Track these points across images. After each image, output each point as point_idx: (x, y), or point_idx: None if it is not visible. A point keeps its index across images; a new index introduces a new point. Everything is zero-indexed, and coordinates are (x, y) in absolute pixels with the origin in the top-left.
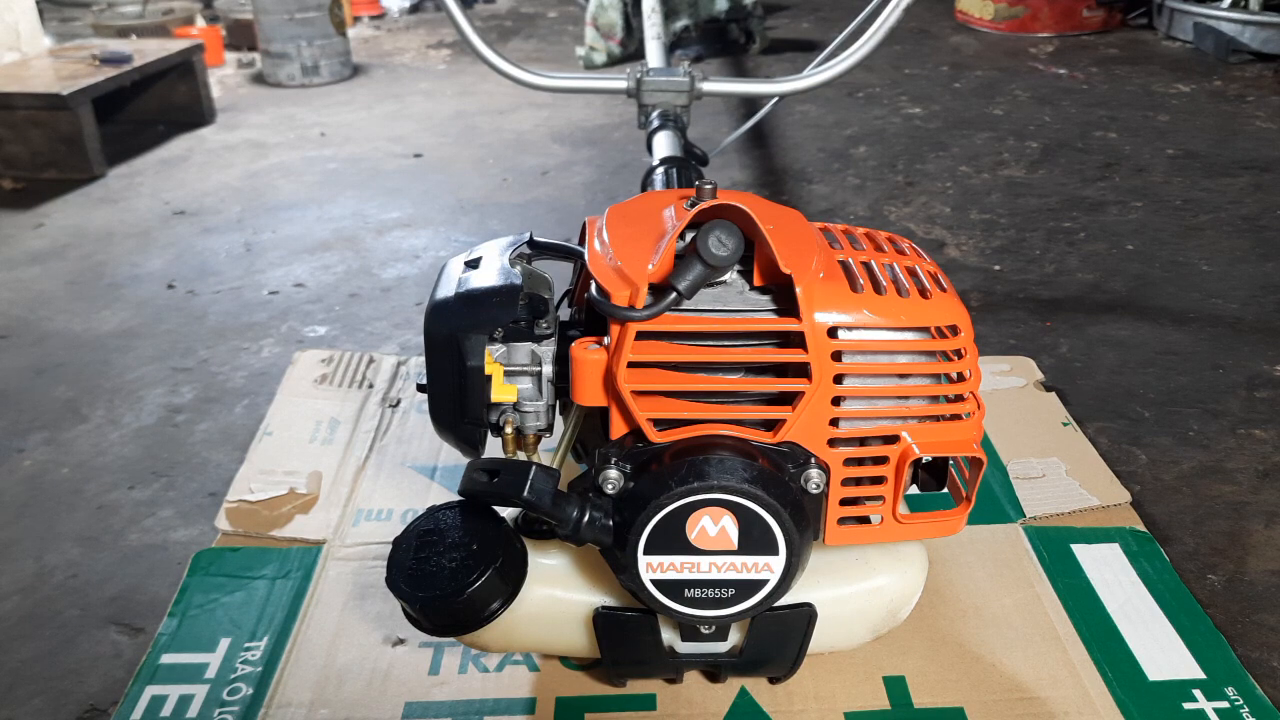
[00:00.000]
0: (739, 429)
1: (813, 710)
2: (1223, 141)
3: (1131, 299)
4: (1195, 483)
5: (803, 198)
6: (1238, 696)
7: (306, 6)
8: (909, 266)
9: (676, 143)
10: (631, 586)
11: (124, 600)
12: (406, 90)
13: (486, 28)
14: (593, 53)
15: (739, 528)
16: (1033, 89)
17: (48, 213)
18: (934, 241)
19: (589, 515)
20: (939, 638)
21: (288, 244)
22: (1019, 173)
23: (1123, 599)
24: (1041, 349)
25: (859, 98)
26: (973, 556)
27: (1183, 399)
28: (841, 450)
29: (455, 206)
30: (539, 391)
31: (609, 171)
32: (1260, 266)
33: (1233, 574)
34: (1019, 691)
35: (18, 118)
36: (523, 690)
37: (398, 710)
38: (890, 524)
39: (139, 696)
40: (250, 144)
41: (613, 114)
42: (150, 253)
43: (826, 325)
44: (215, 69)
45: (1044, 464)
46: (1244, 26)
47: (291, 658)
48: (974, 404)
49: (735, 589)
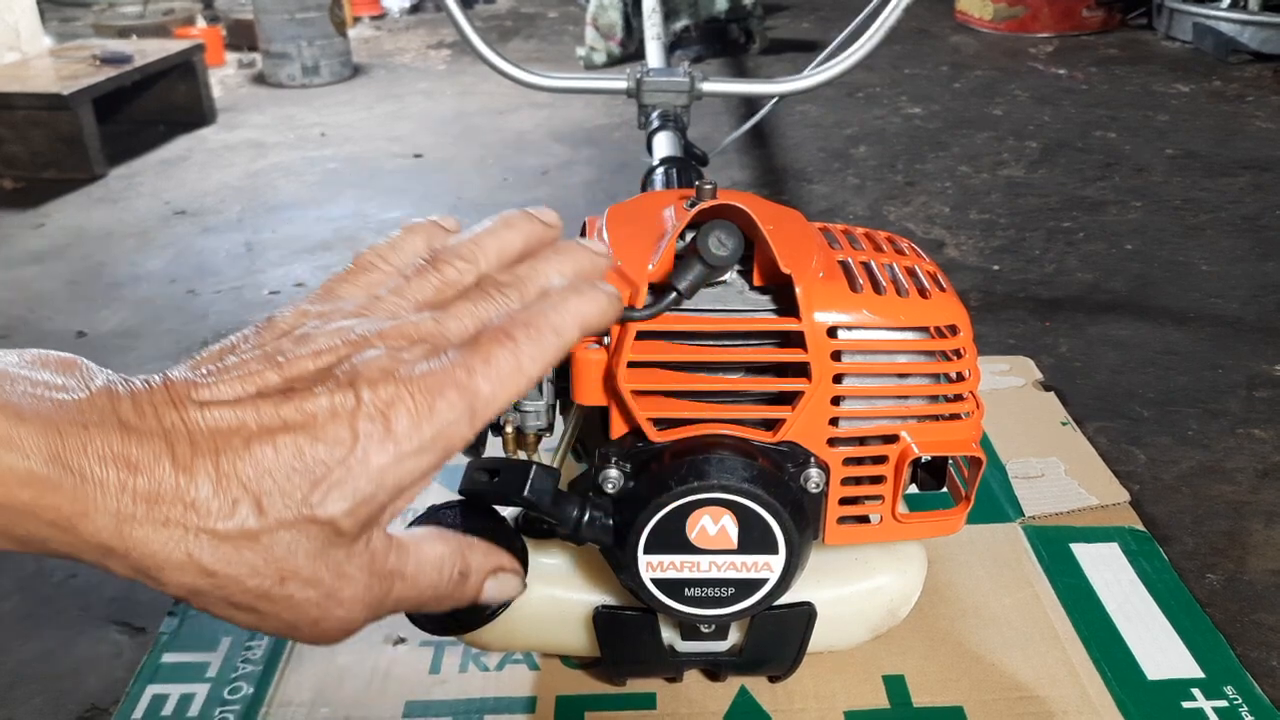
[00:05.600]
0: (739, 428)
1: (812, 709)
2: (1222, 141)
3: (1131, 299)
4: (1195, 482)
5: (803, 198)
6: (1237, 695)
7: (307, 6)
8: (908, 266)
9: (676, 143)
10: (631, 586)
11: (125, 599)
12: (407, 90)
13: (486, 28)
14: (593, 53)
15: (739, 527)
16: (1032, 89)
17: (48, 212)
18: (933, 241)
19: (589, 515)
20: (938, 637)
21: (288, 244)
22: (1019, 172)
23: (1122, 598)
24: (1041, 349)
25: (859, 97)
26: (972, 556)
27: (1182, 399)
28: (841, 450)
29: (455, 206)
30: (539, 391)
31: (609, 171)
32: (1260, 266)
33: (1232, 573)
34: (1018, 690)
35: (18, 118)
36: (523, 689)
37: (398, 709)
38: (890, 523)
39: (140, 695)
40: (250, 144)
41: (613, 114)
42: (150, 252)
43: (826, 325)
44: (216, 69)
45: (1043, 463)
46: (1243, 26)
47: (292, 657)
48: (973, 403)
49: (735, 588)
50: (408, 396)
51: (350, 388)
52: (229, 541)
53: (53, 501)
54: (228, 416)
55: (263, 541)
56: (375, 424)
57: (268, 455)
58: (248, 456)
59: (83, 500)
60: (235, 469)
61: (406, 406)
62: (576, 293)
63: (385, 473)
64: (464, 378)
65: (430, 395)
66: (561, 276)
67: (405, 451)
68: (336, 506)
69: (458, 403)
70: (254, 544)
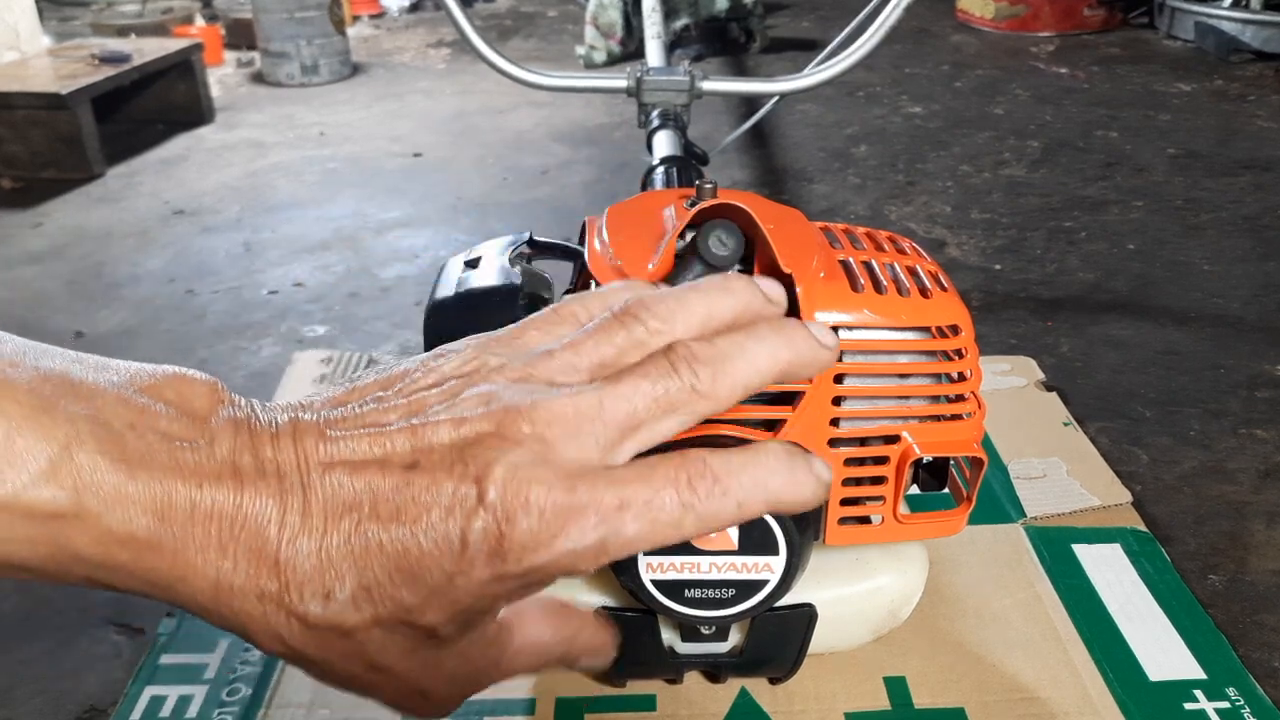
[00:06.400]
0: (740, 429)
1: (813, 710)
2: (1224, 141)
3: (1132, 299)
4: (1196, 483)
5: (803, 197)
6: (1239, 697)
7: (306, 5)
8: (910, 266)
9: (676, 142)
10: (631, 586)
11: (123, 600)
12: (406, 89)
13: (486, 27)
14: (593, 52)
15: (739, 528)
16: (1033, 88)
17: (47, 212)
18: (934, 241)
19: None
20: (939, 638)
21: (287, 243)
22: (1020, 172)
23: (1124, 599)
24: (1042, 349)
25: (859, 97)
26: (973, 556)
27: (1184, 399)
28: (842, 450)
29: (455, 206)
30: None
31: (609, 171)
32: (1261, 266)
33: (1234, 574)
34: (1020, 692)
35: (17, 117)
36: (522, 690)
37: (397, 711)
38: (891, 524)
39: (138, 696)
40: (250, 143)
41: (613, 113)
42: (149, 252)
43: (827, 325)
44: (214, 68)
45: (1045, 464)
46: (1245, 26)
47: None
48: (975, 404)
49: (736, 589)
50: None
51: (476, 482)
52: (317, 631)
53: (152, 564)
54: (348, 487)
55: (355, 637)
56: (490, 533)
57: (376, 543)
58: (356, 541)
59: (181, 566)
60: (341, 552)
61: (530, 523)
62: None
63: (488, 587)
64: (611, 506)
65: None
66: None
67: (512, 574)
68: (435, 617)
69: (590, 533)
70: (344, 638)
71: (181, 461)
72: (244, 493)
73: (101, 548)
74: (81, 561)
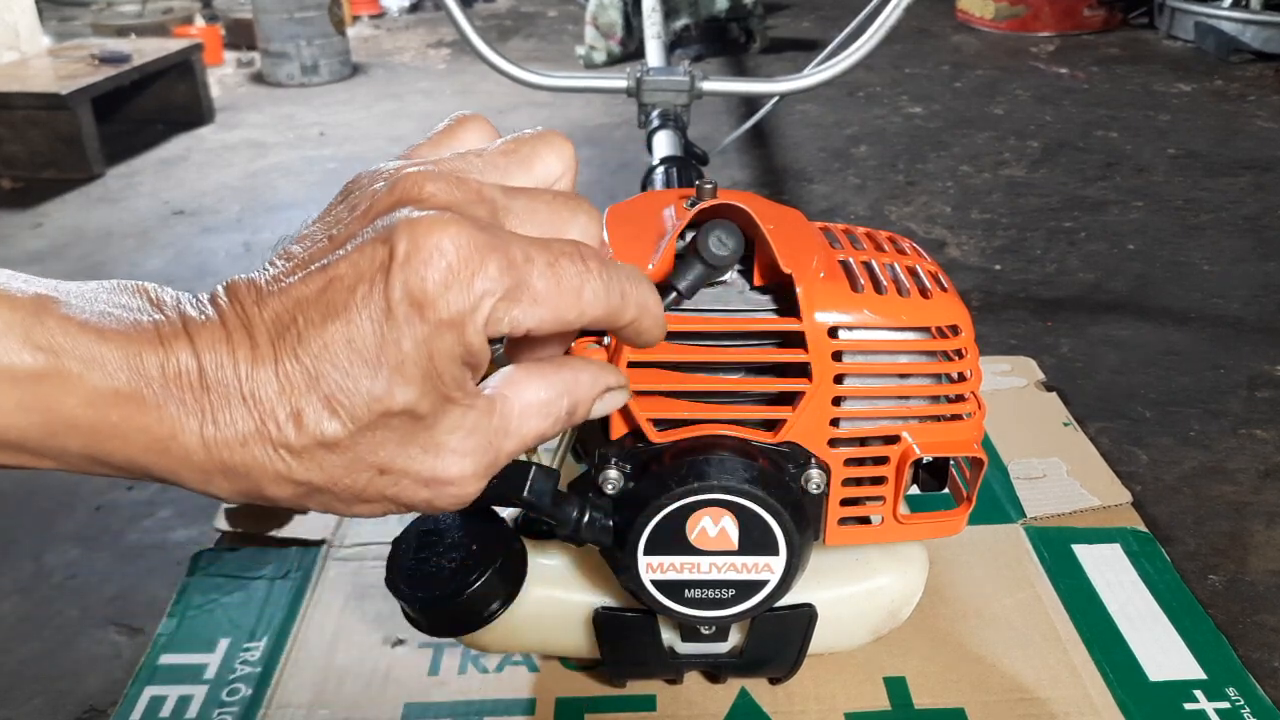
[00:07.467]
0: (739, 429)
1: (813, 711)
2: (1224, 141)
3: (1132, 299)
4: (1196, 483)
5: (803, 197)
6: (1239, 697)
7: (306, 6)
8: (909, 266)
9: (676, 142)
10: (631, 587)
11: (123, 600)
12: (406, 89)
13: (486, 27)
14: (593, 52)
15: (739, 528)
16: (1033, 88)
17: (47, 212)
18: (935, 241)
19: (589, 516)
20: (939, 638)
21: None
22: (1020, 172)
23: (1124, 599)
24: (1042, 349)
25: (859, 97)
26: (973, 557)
27: (1184, 399)
28: (842, 450)
29: None
30: None
31: (609, 171)
32: (1261, 266)
33: (1234, 574)
34: (1020, 692)
35: (17, 117)
36: (522, 691)
37: (397, 711)
38: (891, 524)
39: (138, 697)
40: (249, 143)
41: (613, 113)
42: (149, 252)
43: (827, 325)
44: (214, 68)
45: (1045, 464)
46: (1245, 26)
47: (291, 658)
48: (975, 404)
49: (735, 589)
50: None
51: (385, 243)
52: (308, 454)
53: (142, 422)
54: (282, 310)
55: (345, 446)
56: (410, 286)
57: (320, 345)
58: (303, 353)
59: (169, 421)
60: (296, 369)
61: (445, 263)
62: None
63: (433, 344)
64: (519, 257)
65: (481, 254)
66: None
67: (445, 320)
68: (404, 395)
69: (504, 275)
70: (335, 451)
71: (142, 326)
72: (198, 344)
73: (93, 409)
74: (76, 430)
